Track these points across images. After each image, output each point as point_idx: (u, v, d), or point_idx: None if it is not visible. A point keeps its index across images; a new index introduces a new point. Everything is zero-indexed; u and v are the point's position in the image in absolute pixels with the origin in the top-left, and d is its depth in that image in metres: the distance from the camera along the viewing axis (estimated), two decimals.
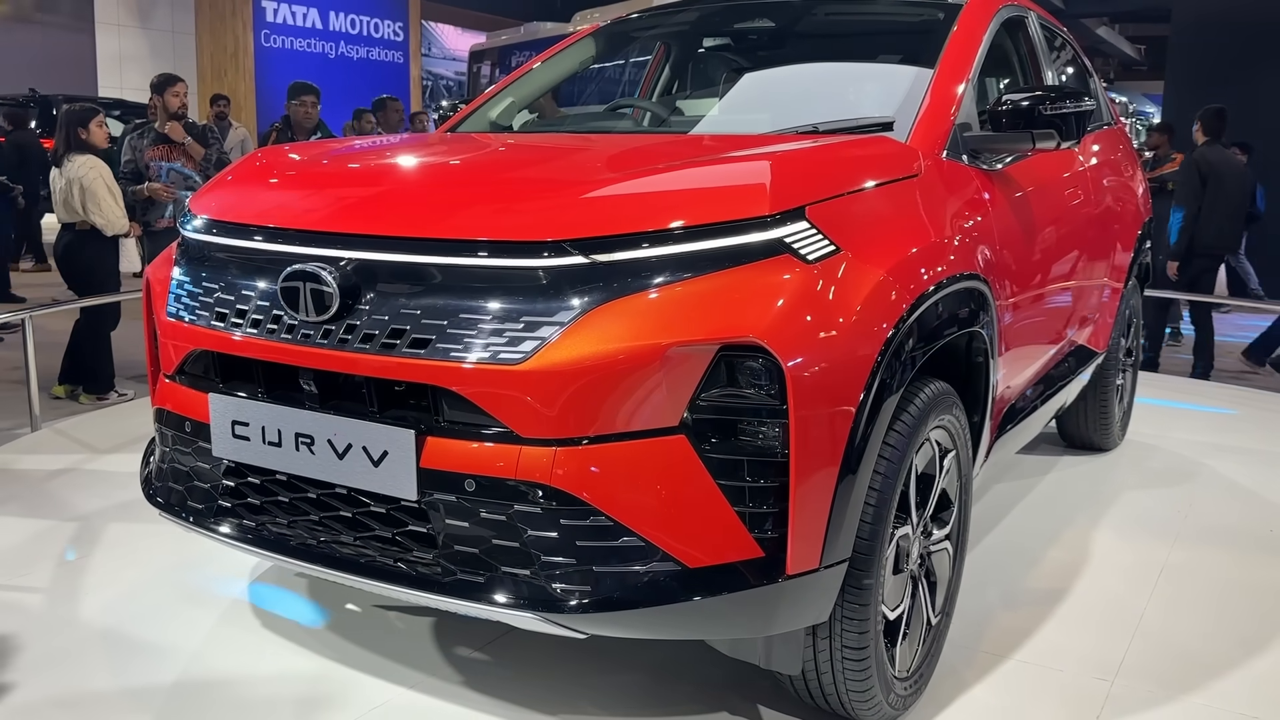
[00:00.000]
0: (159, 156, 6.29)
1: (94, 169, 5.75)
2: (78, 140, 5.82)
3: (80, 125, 5.83)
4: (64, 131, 5.88)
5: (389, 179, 2.56)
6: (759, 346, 1.96)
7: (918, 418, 2.30)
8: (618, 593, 2.01)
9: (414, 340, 2.05)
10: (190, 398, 2.42)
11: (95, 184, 5.71)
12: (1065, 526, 3.84)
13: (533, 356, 1.97)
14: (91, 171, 5.72)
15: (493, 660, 2.77)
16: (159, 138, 6.32)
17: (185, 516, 2.48)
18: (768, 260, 2.05)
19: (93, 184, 5.70)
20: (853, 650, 2.23)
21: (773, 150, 2.37)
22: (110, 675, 2.69)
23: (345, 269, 2.13)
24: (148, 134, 6.38)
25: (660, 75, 4.38)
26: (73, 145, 5.83)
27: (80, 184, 5.71)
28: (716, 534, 2.01)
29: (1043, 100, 2.87)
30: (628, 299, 1.99)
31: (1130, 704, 2.62)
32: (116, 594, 3.15)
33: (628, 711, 2.55)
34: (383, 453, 2.10)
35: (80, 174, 5.71)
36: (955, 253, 2.53)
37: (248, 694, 2.61)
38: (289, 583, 3.18)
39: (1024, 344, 3.18)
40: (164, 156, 6.29)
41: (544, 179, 2.39)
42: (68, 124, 5.88)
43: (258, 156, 2.85)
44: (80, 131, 5.82)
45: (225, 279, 2.36)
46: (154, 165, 6.28)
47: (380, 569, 2.18)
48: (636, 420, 1.98)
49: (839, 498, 2.07)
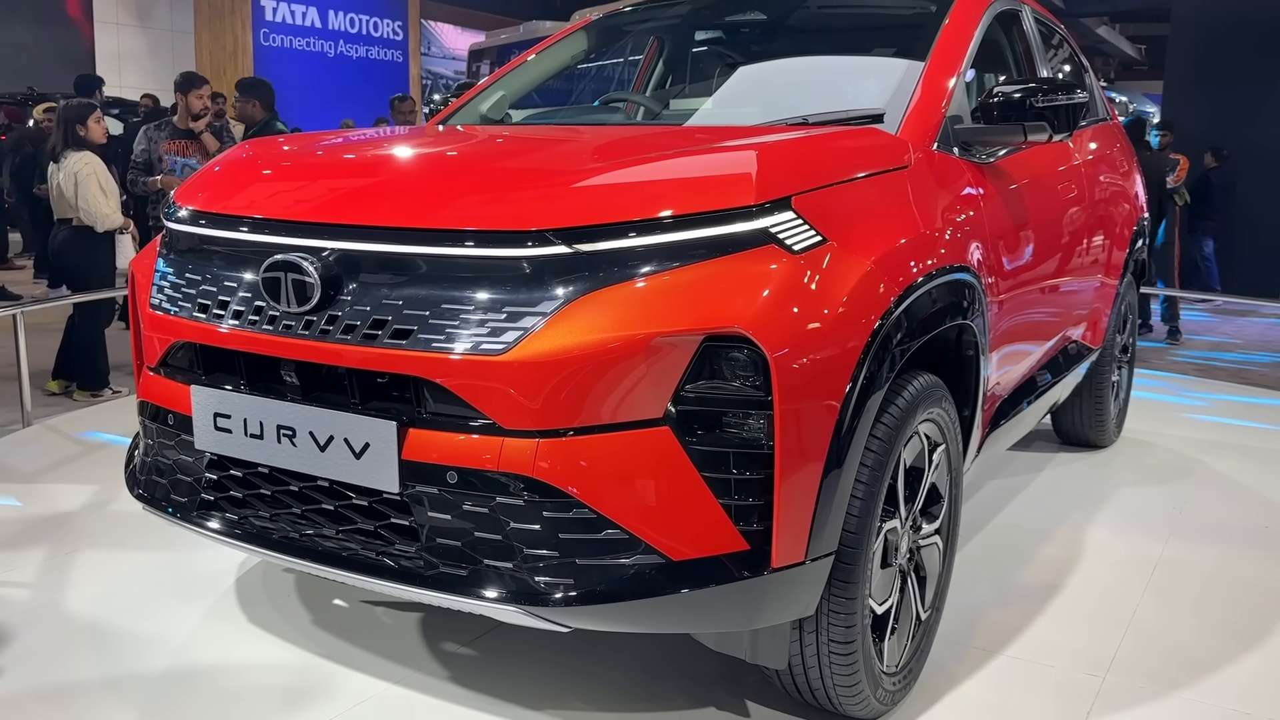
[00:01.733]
0: (174, 151, 6.32)
1: (89, 164, 5.76)
2: (75, 136, 5.84)
3: (78, 121, 5.86)
4: (62, 128, 5.91)
5: (372, 170, 2.54)
6: (744, 337, 1.94)
7: (905, 411, 2.28)
8: (601, 586, 1.99)
9: (395, 331, 2.03)
10: (173, 390, 2.40)
11: (88, 180, 5.71)
12: (1059, 522, 3.82)
13: (515, 347, 1.95)
14: (86, 167, 5.74)
15: (480, 655, 2.75)
16: (176, 132, 6.34)
17: (169, 510, 2.46)
18: (753, 250, 2.03)
19: (86, 179, 5.70)
20: (839, 645, 2.21)
21: (759, 141, 2.35)
22: (95, 668, 2.67)
23: (327, 259, 2.11)
24: (165, 128, 6.41)
25: (654, 69, 4.36)
26: (70, 141, 5.85)
27: (75, 178, 5.70)
28: (701, 527, 1.99)
29: (1034, 92, 2.86)
30: (611, 289, 1.98)
31: (1121, 699, 2.60)
32: (103, 589, 3.13)
33: (616, 706, 2.53)
34: (364, 444, 2.08)
35: (76, 169, 5.72)
36: (945, 245, 2.51)
37: (233, 687, 2.59)
38: (276, 577, 3.17)
39: (1016, 339, 3.16)
40: (179, 151, 6.31)
41: (527, 169, 2.37)
42: (66, 120, 5.90)
43: (244, 148, 2.83)
44: (79, 128, 5.85)
45: (207, 270, 2.35)
46: (168, 159, 6.30)
47: (363, 563, 2.16)
48: (620, 412, 1.96)
49: (824, 491, 2.05)
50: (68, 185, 5.75)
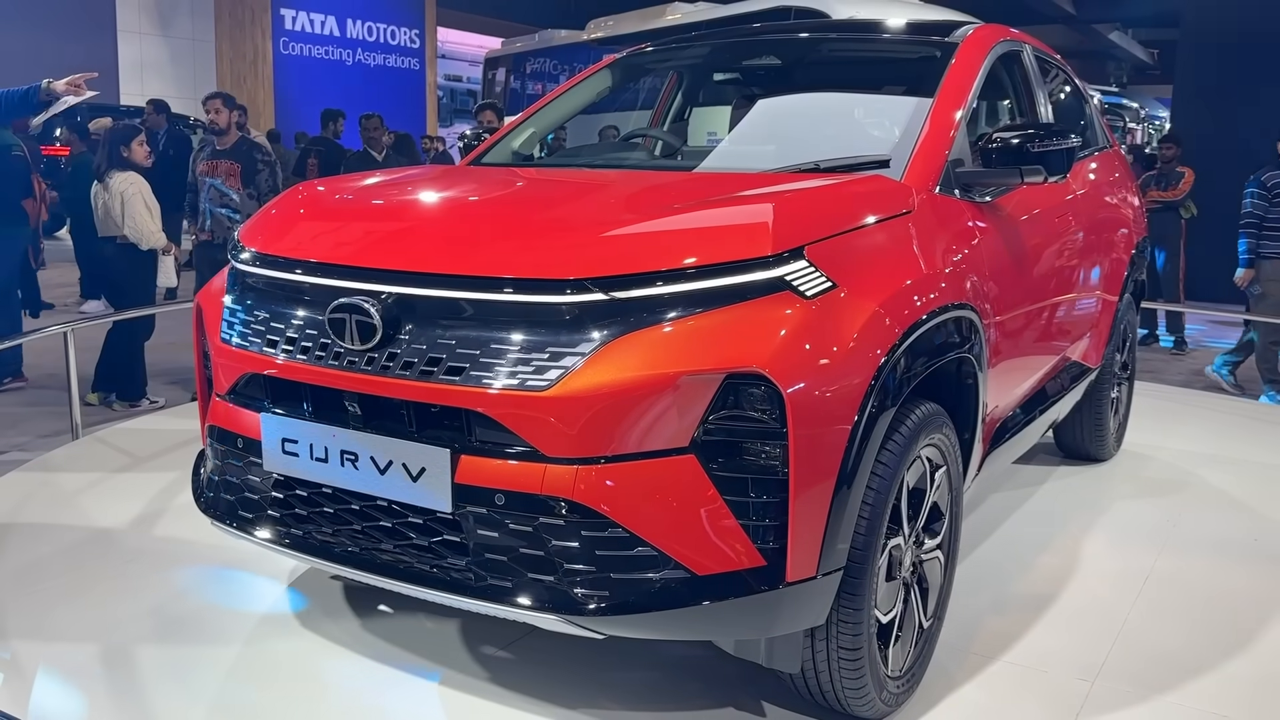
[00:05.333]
0: (205, 172, 6.57)
1: (134, 184, 6.11)
2: (119, 157, 6.13)
3: (123, 143, 6.18)
4: (106, 149, 6.22)
5: (426, 217, 2.78)
6: (761, 375, 2.17)
7: (909, 437, 2.51)
8: (633, 597, 2.22)
9: (449, 368, 2.27)
10: (242, 416, 2.64)
11: (134, 200, 6.02)
12: (1057, 534, 4.04)
13: (557, 384, 2.18)
14: (131, 187, 6.08)
15: (515, 658, 2.98)
16: (211, 153, 6.60)
17: (235, 525, 2.70)
18: (770, 296, 2.26)
19: (132, 199, 6.03)
20: (848, 651, 2.44)
21: (775, 191, 2.58)
22: (157, 674, 2.90)
23: (387, 302, 2.35)
24: (206, 147, 6.69)
25: (672, 103, 4.60)
26: (114, 162, 6.14)
27: (121, 198, 6.03)
28: (723, 544, 2.22)
29: (1031, 138, 3.08)
30: (643, 332, 2.21)
31: (1108, 702, 2.82)
32: (161, 597, 3.37)
33: (642, 706, 2.76)
34: (421, 469, 2.32)
35: (122, 189, 6.04)
36: (945, 282, 2.73)
37: (289, 687, 2.83)
38: (324, 587, 3.40)
39: (1014, 365, 3.37)
40: (208, 172, 6.57)
41: (566, 219, 2.61)
42: (111, 141, 6.21)
43: (300, 190, 3.07)
44: (123, 149, 6.15)
45: (275, 308, 2.59)
46: (201, 179, 6.56)
47: (417, 574, 2.40)
48: (650, 441, 2.19)
49: (834, 512, 2.28)
50: (114, 204, 6.05)
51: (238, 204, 6.45)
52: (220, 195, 6.50)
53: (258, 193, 6.47)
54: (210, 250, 6.46)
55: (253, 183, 6.50)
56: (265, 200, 6.26)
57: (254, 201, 6.39)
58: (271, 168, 6.59)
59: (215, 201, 6.51)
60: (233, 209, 6.46)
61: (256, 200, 6.39)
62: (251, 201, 6.41)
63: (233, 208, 6.46)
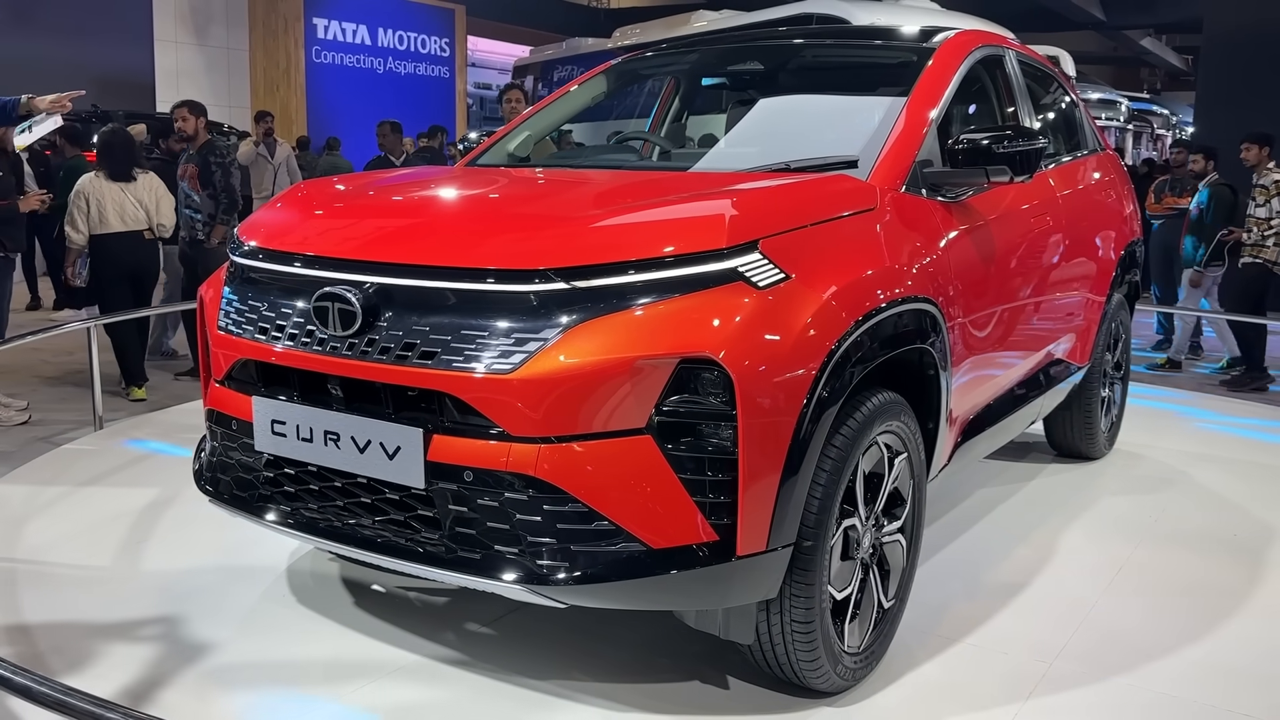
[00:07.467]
0: (180, 176, 6.98)
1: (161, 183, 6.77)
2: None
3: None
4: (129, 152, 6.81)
5: (406, 212, 2.95)
6: (713, 360, 2.31)
7: (863, 423, 2.63)
8: (592, 569, 2.36)
9: (423, 353, 2.42)
10: (237, 400, 2.81)
11: (167, 196, 6.74)
12: (1038, 527, 4.13)
13: (521, 367, 2.33)
14: (161, 185, 6.73)
15: (498, 634, 3.13)
16: (185, 158, 6.98)
17: (231, 503, 2.87)
18: (724, 286, 2.40)
19: (165, 195, 6.72)
20: (800, 624, 2.57)
21: (735, 188, 2.72)
22: (163, 643, 3.08)
23: (367, 291, 2.51)
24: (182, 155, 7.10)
25: (670, 106, 4.75)
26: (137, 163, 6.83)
27: (156, 194, 6.63)
28: (677, 519, 2.36)
29: (998, 139, 3.19)
30: (603, 319, 2.35)
31: (1063, 682, 2.92)
32: (171, 574, 3.56)
33: (615, 678, 2.89)
34: (396, 448, 2.47)
35: (155, 185, 6.68)
36: (905, 277, 2.85)
37: (284, 657, 3.00)
38: (323, 568, 3.58)
39: (985, 359, 3.48)
40: (182, 175, 6.96)
41: (536, 214, 2.77)
42: (128, 145, 6.82)
43: (299, 189, 3.26)
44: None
45: (267, 298, 2.76)
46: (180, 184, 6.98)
47: (394, 547, 2.56)
48: (609, 422, 2.33)
49: (783, 490, 2.41)
50: (150, 201, 6.58)
51: (198, 204, 6.80)
52: (185, 197, 6.89)
53: (215, 192, 6.79)
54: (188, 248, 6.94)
55: (210, 183, 6.80)
56: (220, 198, 6.73)
57: (212, 201, 6.76)
58: (224, 168, 6.86)
59: (183, 203, 6.89)
60: (194, 209, 6.82)
61: (214, 200, 6.76)
62: (210, 201, 6.77)
63: (194, 208, 6.82)
